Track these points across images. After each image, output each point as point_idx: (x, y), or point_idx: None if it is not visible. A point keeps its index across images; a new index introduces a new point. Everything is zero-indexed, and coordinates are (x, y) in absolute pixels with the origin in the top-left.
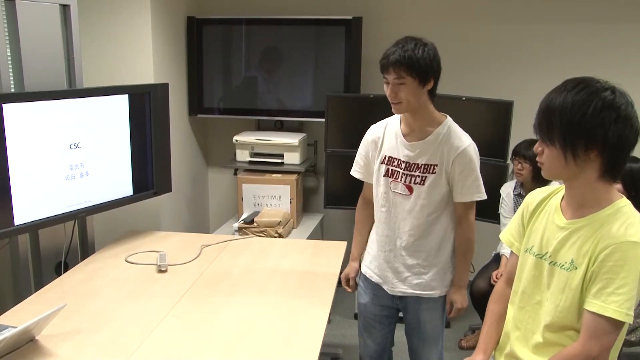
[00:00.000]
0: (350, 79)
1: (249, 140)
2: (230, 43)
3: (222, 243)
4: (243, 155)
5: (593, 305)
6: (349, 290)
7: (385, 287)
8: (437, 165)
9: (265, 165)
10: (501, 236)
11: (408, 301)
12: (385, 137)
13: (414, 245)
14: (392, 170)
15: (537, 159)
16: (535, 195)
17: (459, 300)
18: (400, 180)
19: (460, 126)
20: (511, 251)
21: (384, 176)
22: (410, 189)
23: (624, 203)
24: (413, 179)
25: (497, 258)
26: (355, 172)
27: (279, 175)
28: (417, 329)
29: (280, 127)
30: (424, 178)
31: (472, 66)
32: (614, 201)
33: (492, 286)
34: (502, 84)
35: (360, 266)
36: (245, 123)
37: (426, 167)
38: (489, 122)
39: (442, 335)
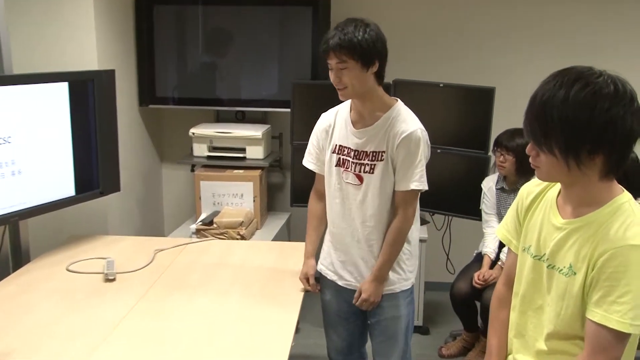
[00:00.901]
0: (318, 65)
1: (207, 133)
2: (185, 25)
3: (178, 247)
4: (201, 150)
5: (595, 314)
6: (310, 289)
7: (340, 283)
8: (384, 151)
9: (226, 161)
10: (497, 232)
11: None
12: (336, 125)
13: (370, 238)
14: (342, 159)
15: (531, 161)
16: (529, 188)
17: (367, 291)
18: (351, 169)
19: (438, 115)
20: (509, 249)
21: (335, 166)
22: (361, 179)
23: (625, 199)
24: (362, 167)
25: (479, 258)
26: (308, 162)
27: (241, 171)
28: (378, 327)
29: (241, 119)
30: (373, 166)
31: (450, 51)
32: (614, 197)
33: (473, 288)
34: (482, 69)
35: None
36: (202, 114)
37: (375, 154)
38: (468, 110)
39: (407, 337)
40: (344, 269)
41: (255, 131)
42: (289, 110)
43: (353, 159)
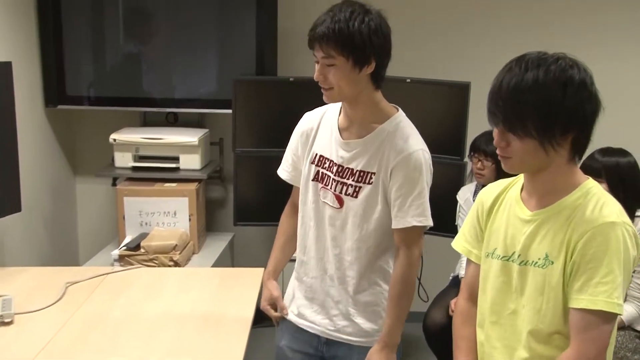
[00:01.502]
0: (263, 58)
1: (132, 140)
2: (102, 9)
3: (96, 278)
4: (124, 160)
5: (580, 301)
6: (280, 315)
7: (301, 323)
8: (374, 173)
9: (155, 172)
10: (454, 244)
11: (337, 349)
12: (320, 129)
13: (346, 274)
14: (322, 173)
15: (500, 153)
16: (489, 191)
17: None
18: (330, 187)
19: (406, 115)
20: (468, 261)
21: (312, 180)
22: (341, 201)
23: (592, 184)
24: (345, 188)
25: (456, 282)
26: (283, 171)
27: (174, 184)
28: None
29: (173, 122)
30: (357, 189)
31: (418, 41)
32: (580, 183)
33: (450, 318)
34: (455, 62)
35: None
36: (126, 116)
37: (362, 174)
38: (440, 110)
39: None
40: (309, 308)
41: (191, 136)
42: (230, 111)
43: (335, 175)
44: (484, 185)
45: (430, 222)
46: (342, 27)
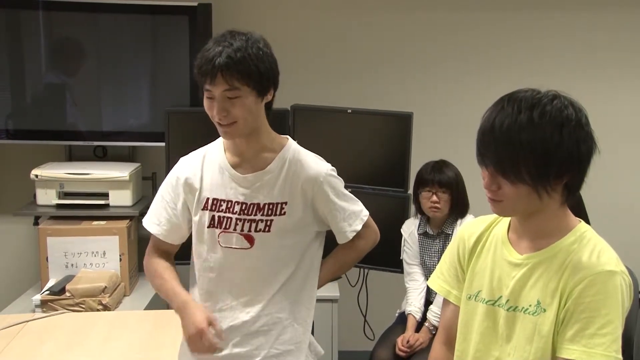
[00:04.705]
0: (198, 89)
1: (56, 175)
2: (21, 35)
3: (15, 326)
4: (47, 197)
5: (572, 352)
6: (220, 340)
7: None
8: (285, 203)
9: (82, 210)
10: (430, 283)
11: None
12: (205, 172)
13: (264, 324)
14: (219, 217)
15: (491, 196)
16: (470, 229)
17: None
18: (235, 229)
19: (347, 147)
20: (445, 302)
21: (208, 227)
22: (251, 240)
23: (585, 228)
24: (254, 225)
25: (403, 319)
26: (153, 225)
27: (103, 222)
28: None
29: (102, 156)
30: (268, 222)
31: (358, 70)
32: (573, 227)
33: (397, 356)
34: (396, 91)
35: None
36: (49, 151)
37: (271, 207)
38: (382, 141)
39: None
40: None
41: (121, 171)
42: (162, 144)
43: (240, 214)
44: (429, 218)
45: (366, 211)
46: (244, 55)
